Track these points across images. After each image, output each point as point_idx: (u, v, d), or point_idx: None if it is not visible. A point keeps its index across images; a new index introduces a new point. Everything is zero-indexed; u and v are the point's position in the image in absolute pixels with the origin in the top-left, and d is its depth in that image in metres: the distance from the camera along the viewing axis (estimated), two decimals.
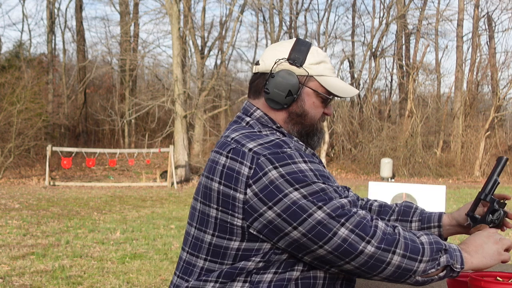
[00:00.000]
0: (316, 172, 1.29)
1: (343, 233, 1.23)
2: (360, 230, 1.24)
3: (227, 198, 1.31)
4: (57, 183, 16.51)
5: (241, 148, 1.32)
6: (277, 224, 1.26)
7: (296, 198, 1.24)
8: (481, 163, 22.07)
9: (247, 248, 1.33)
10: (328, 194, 1.27)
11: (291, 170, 1.27)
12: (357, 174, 21.93)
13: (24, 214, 9.68)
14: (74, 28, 27.28)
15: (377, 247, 1.24)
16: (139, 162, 21.38)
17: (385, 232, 1.26)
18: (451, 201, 12.35)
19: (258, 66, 1.47)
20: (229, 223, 1.32)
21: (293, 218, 1.24)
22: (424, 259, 1.27)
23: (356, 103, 25.47)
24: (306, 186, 1.26)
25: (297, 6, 27.26)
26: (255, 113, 1.45)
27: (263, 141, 1.33)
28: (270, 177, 1.26)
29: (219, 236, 1.35)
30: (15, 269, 5.61)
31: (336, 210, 1.24)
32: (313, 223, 1.23)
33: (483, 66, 24.95)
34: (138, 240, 7.44)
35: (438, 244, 1.31)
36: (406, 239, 1.27)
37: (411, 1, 25.85)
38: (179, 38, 20.16)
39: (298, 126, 1.45)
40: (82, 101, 26.07)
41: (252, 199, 1.27)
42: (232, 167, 1.31)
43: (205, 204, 1.37)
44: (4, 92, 18.58)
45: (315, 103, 1.45)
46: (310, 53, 1.45)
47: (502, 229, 1.57)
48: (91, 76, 25.44)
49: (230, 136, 1.38)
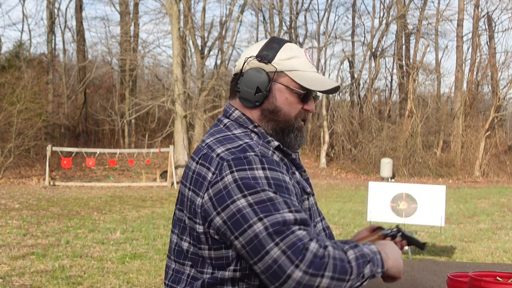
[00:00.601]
0: (271, 181, 1.25)
1: (275, 253, 1.18)
2: (292, 252, 1.18)
3: (192, 204, 1.32)
4: (57, 183, 16.50)
5: (211, 154, 1.32)
6: (224, 231, 1.25)
7: (242, 206, 1.22)
8: (481, 163, 22.07)
9: (217, 257, 1.31)
10: (275, 205, 1.22)
11: (245, 175, 1.25)
12: (357, 174, 21.92)
13: (24, 214, 9.68)
14: (74, 28, 27.29)
15: (304, 272, 1.17)
16: (139, 162, 21.37)
17: (316, 255, 1.19)
18: (451, 201, 12.35)
19: (235, 68, 1.48)
20: (195, 230, 1.32)
21: (236, 227, 1.23)
22: (352, 278, 1.23)
23: (356, 103, 25.48)
24: (254, 194, 1.23)
25: (297, 6, 27.26)
26: (234, 113, 1.44)
27: (231, 145, 1.32)
28: (225, 182, 1.25)
29: (193, 244, 1.34)
30: (15, 269, 5.61)
31: (275, 225, 1.20)
32: (251, 235, 1.21)
33: (483, 66, 24.96)
34: (138, 240, 7.44)
35: (363, 257, 1.25)
36: (335, 259, 1.21)
37: (411, 1, 25.85)
38: (179, 38, 20.15)
39: (272, 123, 1.42)
40: (82, 101, 26.07)
41: (206, 203, 1.27)
42: (200, 172, 1.31)
43: (181, 210, 1.38)
44: (4, 92, 18.58)
45: (288, 99, 1.41)
46: (282, 50, 1.43)
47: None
48: (91, 76, 25.44)
49: (205, 141, 1.39)
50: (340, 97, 26.49)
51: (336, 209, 10.97)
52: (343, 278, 1.21)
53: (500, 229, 8.94)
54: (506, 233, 8.56)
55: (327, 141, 24.08)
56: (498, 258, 6.84)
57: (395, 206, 6.19)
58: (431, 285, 2.31)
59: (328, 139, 24.15)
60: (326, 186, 17.28)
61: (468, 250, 7.22)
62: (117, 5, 27.31)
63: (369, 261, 1.27)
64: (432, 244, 7.61)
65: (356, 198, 13.25)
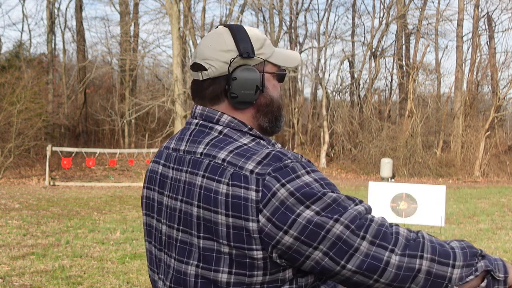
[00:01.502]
0: (322, 182, 1.19)
1: (364, 247, 1.13)
2: (381, 239, 1.14)
3: (239, 231, 1.17)
4: (57, 183, 16.50)
5: (241, 172, 1.18)
6: (296, 248, 1.15)
7: (310, 216, 1.13)
8: (481, 163, 22.07)
9: (271, 280, 1.20)
10: (341, 204, 1.16)
11: (298, 185, 1.15)
12: (357, 174, 21.92)
13: (24, 214, 9.68)
14: (74, 28, 27.29)
15: (401, 255, 1.13)
16: (139, 162, 21.36)
17: (408, 238, 1.16)
18: (451, 201, 12.35)
19: (207, 72, 1.30)
20: (248, 257, 1.17)
21: (312, 238, 1.13)
22: (458, 264, 1.16)
23: (356, 103, 25.48)
24: (317, 201, 1.14)
25: (297, 6, 27.25)
26: (222, 118, 1.30)
27: (259, 157, 1.19)
28: (279, 197, 1.14)
29: (238, 274, 1.19)
30: (15, 269, 5.61)
31: (353, 221, 1.14)
32: (333, 239, 1.13)
33: (483, 66, 24.95)
34: (138, 240, 7.44)
35: (471, 248, 1.20)
36: (432, 242, 1.18)
37: (411, 1, 25.85)
38: (179, 38, 20.16)
39: (269, 115, 1.35)
40: (82, 101, 26.07)
41: (266, 226, 1.15)
42: (238, 195, 1.16)
43: (211, 239, 1.20)
44: (4, 92, 18.58)
45: (274, 85, 1.36)
46: (252, 38, 1.32)
47: None
48: (91, 76, 25.45)
49: (217, 156, 1.22)
50: (340, 97, 26.51)
51: None
52: (446, 262, 1.16)
53: (500, 229, 8.94)
54: (506, 233, 8.56)
55: (327, 141, 24.08)
56: None
57: (395, 206, 6.19)
58: None
59: (328, 139, 24.15)
60: None
61: None
62: (117, 5, 27.34)
63: (482, 255, 1.20)
64: None
65: None
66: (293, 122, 25.82)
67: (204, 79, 1.31)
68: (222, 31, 1.33)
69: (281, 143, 26.28)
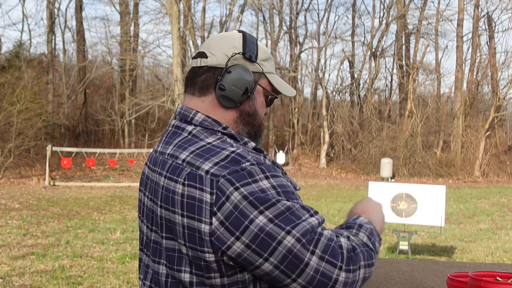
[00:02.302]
0: (279, 189, 1.17)
1: (314, 262, 1.12)
2: (330, 255, 1.14)
3: (193, 232, 1.16)
4: (57, 183, 16.50)
5: (197, 172, 1.17)
6: (246, 257, 1.14)
7: (263, 223, 1.12)
8: (481, 163, 22.07)
9: (232, 282, 1.19)
10: (295, 213, 1.15)
11: (253, 190, 1.14)
12: (357, 174, 21.92)
13: (24, 214, 9.68)
14: (74, 28, 27.29)
15: (347, 271, 1.14)
16: (139, 162, 21.36)
17: (349, 250, 1.17)
18: (451, 201, 12.35)
19: (206, 60, 1.31)
20: (202, 259, 1.17)
21: (263, 248, 1.12)
22: (376, 258, 1.22)
23: (356, 103, 25.48)
24: (271, 207, 1.13)
25: (297, 6, 27.26)
26: (196, 117, 1.29)
27: (218, 158, 1.18)
28: (233, 201, 1.13)
29: (197, 274, 1.20)
30: (15, 269, 5.61)
31: (305, 234, 1.13)
32: (284, 251, 1.12)
33: (483, 66, 24.96)
34: (138, 240, 7.44)
35: (372, 235, 1.24)
36: (361, 246, 1.20)
37: (411, 1, 25.86)
38: (179, 38, 20.17)
39: (248, 127, 1.33)
40: (82, 101, 26.07)
41: (218, 229, 1.14)
42: (192, 195, 1.16)
43: (172, 239, 1.21)
44: (4, 92, 18.58)
45: (262, 102, 1.35)
46: (260, 49, 1.34)
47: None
48: (91, 76, 25.45)
49: (179, 157, 1.22)
50: (340, 97, 26.52)
51: (336, 209, 10.96)
52: (372, 263, 1.20)
53: (500, 229, 8.94)
54: (506, 233, 8.56)
55: (327, 141, 24.09)
56: (498, 258, 6.84)
57: (395, 206, 6.19)
58: (431, 285, 2.31)
59: (328, 139, 24.15)
60: (326, 186, 17.28)
61: (468, 250, 7.22)
62: (117, 5, 27.33)
63: (376, 236, 1.26)
64: (432, 244, 7.62)
65: (356, 198, 13.24)
66: (293, 122, 25.83)
67: (201, 65, 1.32)
68: (234, 32, 1.36)
69: (281, 143, 26.30)
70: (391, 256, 6.78)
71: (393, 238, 7.83)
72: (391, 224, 8.49)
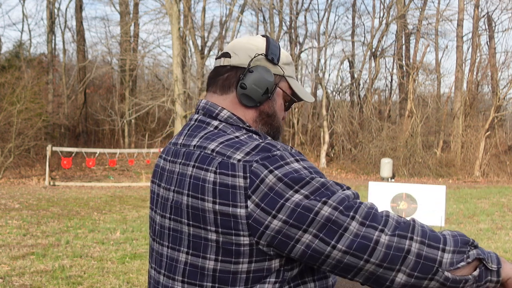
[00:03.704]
0: (311, 169, 1.21)
1: (354, 227, 1.14)
2: (371, 220, 1.15)
3: (227, 217, 1.19)
4: (57, 183, 16.50)
5: (229, 161, 1.20)
6: (286, 232, 1.16)
7: (299, 199, 1.15)
8: (481, 163, 22.07)
9: (257, 269, 1.21)
10: (330, 188, 1.18)
11: (287, 171, 1.17)
12: (357, 174, 21.92)
13: (24, 214, 9.68)
14: (74, 28, 27.30)
15: (391, 235, 1.14)
16: (139, 162, 21.37)
17: (398, 221, 1.17)
18: (451, 201, 12.35)
19: (230, 59, 1.36)
20: (235, 244, 1.19)
21: (301, 221, 1.14)
22: (448, 249, 1.16)
23: (356, 103, 25.48)
24: (306, 185, 1.16)
25: (297, 6, 27.25)
26: (222, 113, 1.33)
27: (248, 148, 1.21)
28: (268, 183, 1.16)
29: (224, 261, 1.22)
30: (15, 269, 5.61)
31: (342, 202, 1.16)
32: (322, 221, 1.14)
33: (483, 66, 24.95)
34: (138, 240, 7.44)
35: (463, 236, 1.20)
36: (423, 227, 1.18)
37: (411, 1, 25.85)
38: (179, 38, 20.16)
39: (267, 127, 1.38)
40: (82, 101, 26.07)
41: (254, 211, 1.16)
42: (225, 182, 1.18)
43: (199, 227, 1.23)
44: (4, 92, 18.58)
45: (281, 105, 1.40)
46: (282, 53, 1.39)
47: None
48: (91, 76, 25.45)
49: (207, 147, 1.24)
50: (340, 97, 26.52)
51: None
52: (436, 245, 1.16)
53: (500, 229, 8.94)
54: (506, 233, 8.57)
55: (327, 141, 24.08)
56: None
57: (395, 206, 6.19)
58: None
59: (328, 139, 24.15)
60: None
61: None
62: (117, 5, 27.34)
63: (474, 245, 1.20)
64: None
65: None
66: (293, 122, 25.83)
67: (224, 64, 1.37)
68: (259, 36, 1.41)
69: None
70: None
71: None
72: None
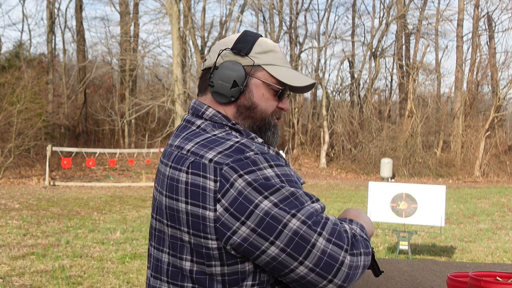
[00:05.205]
0: (283, 178, 1.19)
1: (321, 243, 1.14)
2: (336, 238, 1.16)
3: (196, 219, 1.18)
4: (57, 183, 16.50)
5: (201, 160, 1.19)
6: (252, 241, 1.15)
7: (268, 207, 1.14)
8: (481, 163, 22.07)
9: (231, 272, 1.20)
10: (299, 198, 1.17)
11: (257, 177, 1.16)
12: (357, 174, 21.92)
13: (24, 214, 9.68)
14: (74, 28, 27.30)
15: (351, 254, 1.17)
16: (139, 162, 21.36)
17: (352, 236, 1.20)
18: (451, 201, 12.35)
19: (205, 62, 1.38)
20: (204, 246, 1.19)
21: (269, 232, 1.14)
22: (369, 247, 1.25)
23: (356, 103, 25.49)
24: (275, 192, 1.15)
25: (297, 6, 27.26)
26: (207, 112, 1.32)
27: (222, 148, 1.20)
28: (237, 188, 1.15)
29: (198, 263, 1.21)
30: (15, 269, 5.61)
31: (310, 217, 1.15)
32: (290, 234, 1.13)
33: (483, 66, 24.95)
34: (138, 240, 7.44)
35: (363, 229, 1.27)
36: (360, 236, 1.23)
37: (411, 1, 25.86)
38: (179, 38, 20.17)
39: (249, 121, 1.33)
40: (82, 101, 26.07)
41: (223, 215, 1.15)
42: (196, 183, 1.18)
43: (175, 227, 1.23)
44: (4, 92, 18.58)
45: (265, 95, 1.34)
46: (257, 44, 1.34)
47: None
48: (91, 76, 25.45)
49: (184, 148, 1.25)
50: (340, 97, 26.52)
51: (336, 209, 10.97)
52: (368, 252, 1.23)
53: (500, 229, 8.94)
54: (506, 233, 8.56)
55: (327, 141, 24.09)
56: (498, 258, 6.84)
57: (395, 206, 6.19)
58: (431, 285, 2.31)
59: (328, 139, 24.15)
60: (326, 186, 17.28)
61: (468, 250, 7.22)
62: (117, 5, 27.35)
63: (366, 230, 1.29)
64: (432, 244, 7.62)
65: (356, 198, 13.25)
66: (293, 122, 25.83)
67: (202, 69, 1.39)
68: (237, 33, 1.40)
69: (281, 143, 26.29)
70: (391, 256, 6.78)
71: (393, 238, 7.83)
72: (391, 224, 8.49)
